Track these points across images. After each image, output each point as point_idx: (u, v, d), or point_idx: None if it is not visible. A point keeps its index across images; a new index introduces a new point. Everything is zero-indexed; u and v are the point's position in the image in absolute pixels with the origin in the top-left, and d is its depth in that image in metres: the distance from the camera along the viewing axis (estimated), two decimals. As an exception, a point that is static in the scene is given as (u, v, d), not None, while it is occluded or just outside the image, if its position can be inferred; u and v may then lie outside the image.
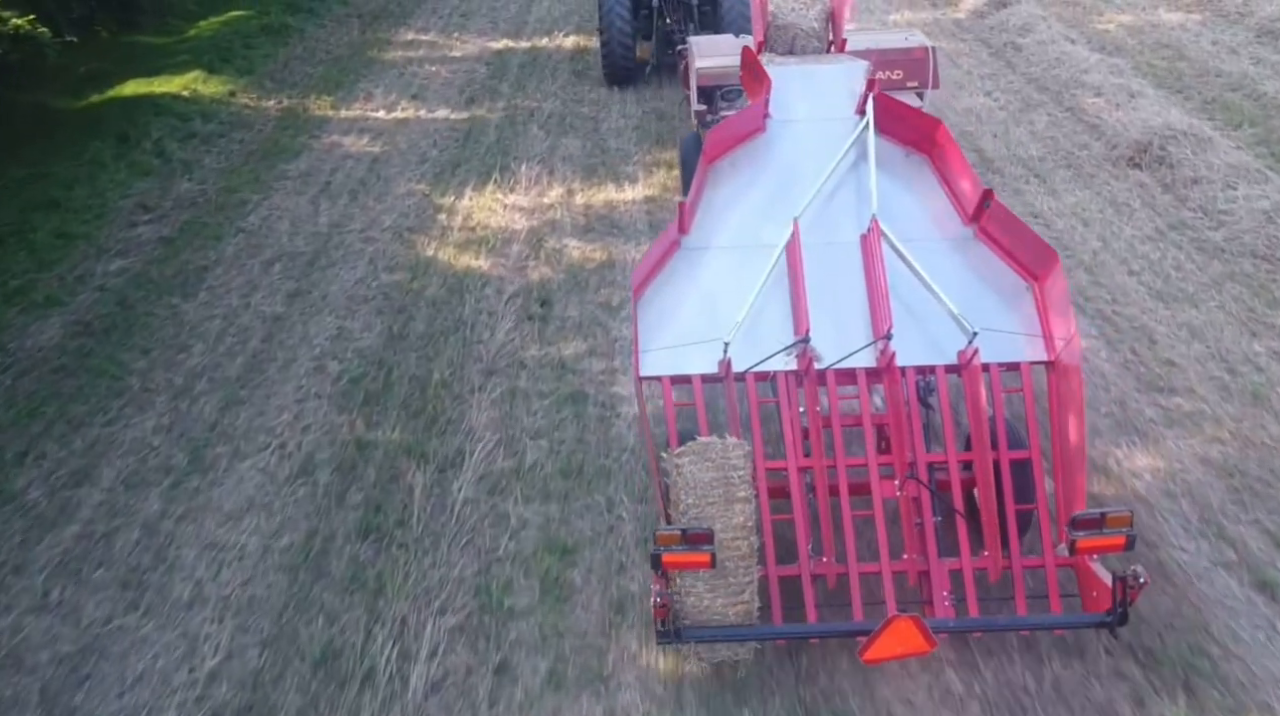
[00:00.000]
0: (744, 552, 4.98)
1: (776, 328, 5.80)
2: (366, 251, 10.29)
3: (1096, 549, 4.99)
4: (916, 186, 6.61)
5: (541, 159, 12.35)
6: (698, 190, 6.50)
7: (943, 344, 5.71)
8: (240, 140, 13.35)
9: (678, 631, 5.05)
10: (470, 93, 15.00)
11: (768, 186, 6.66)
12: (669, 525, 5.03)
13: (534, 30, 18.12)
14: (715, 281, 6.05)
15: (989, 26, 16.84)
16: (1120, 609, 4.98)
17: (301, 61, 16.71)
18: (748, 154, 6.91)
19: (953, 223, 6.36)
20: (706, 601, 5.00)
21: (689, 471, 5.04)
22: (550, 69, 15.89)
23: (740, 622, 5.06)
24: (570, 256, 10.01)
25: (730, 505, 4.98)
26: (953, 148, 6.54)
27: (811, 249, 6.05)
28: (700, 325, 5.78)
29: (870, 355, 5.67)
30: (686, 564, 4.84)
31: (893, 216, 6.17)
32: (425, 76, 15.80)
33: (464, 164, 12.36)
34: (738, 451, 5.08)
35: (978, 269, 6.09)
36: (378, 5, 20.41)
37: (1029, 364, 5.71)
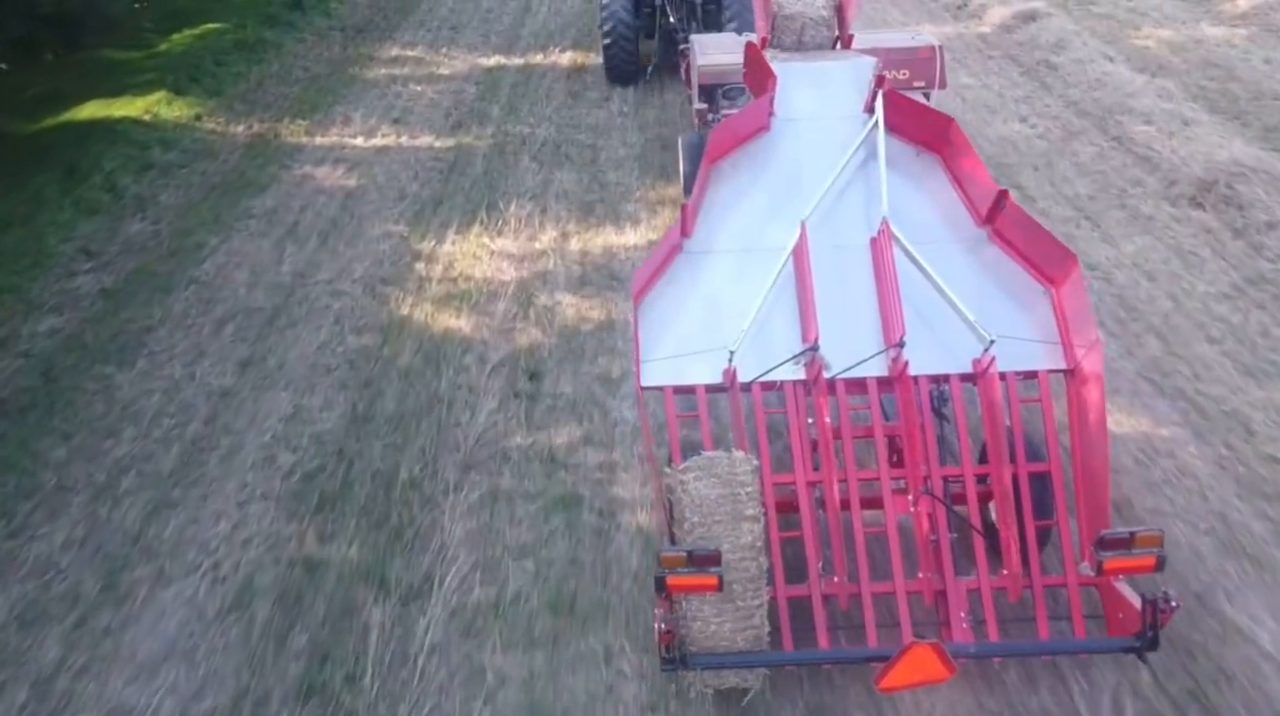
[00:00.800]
0: (753, 574, 4.77)
1: (783, 335, 5.58)
2: (333, 308, 9.06)
3: (1125, 570, 4.79)
4: (928, 187, 6.35)
5: (533, 195, 11.12)
6: (700, 191, 6.23)
7: (957, 351, 5.48)
8: (202, 172, 12.12)
9: (683, 659, 4.78)
10: (457, 116, 13.77)
11: (773, 187, 6.38)
12: (674, 546, 4.81)
13: (528, 45, 16.90)
14: (719, 286, 5.81)
15: (1018, 43, 15.62)
16: (1150, 633, 4.72)
17: (277, 81, 15.48)
18: (751, 154, 6.63)
19: (966, 224, 6.11)
20: (714, 627, 4.77)
21: (694, 488, 4.82)
22: (545, 89, 14.66)
23: (749, 649, 4.82)
24: (564, 315, 8.78)
25: (738, 524, 4.77)
26: (966, 146, 6.26)
27: (819, 252, 5.81)
28: (704, 333, 5.56)
29: (882, 364, 5.46)
30: (693, 587, 4.62)
31: (904, 218, 5.92)
32: (409, 97, 14.58)
33: (447, 201, 11.13)
34: (745, 467, 4.86)
35: (993, 272, 5.85)
36: (363, 18, 19.21)
37: (1047, 372, 5.47)
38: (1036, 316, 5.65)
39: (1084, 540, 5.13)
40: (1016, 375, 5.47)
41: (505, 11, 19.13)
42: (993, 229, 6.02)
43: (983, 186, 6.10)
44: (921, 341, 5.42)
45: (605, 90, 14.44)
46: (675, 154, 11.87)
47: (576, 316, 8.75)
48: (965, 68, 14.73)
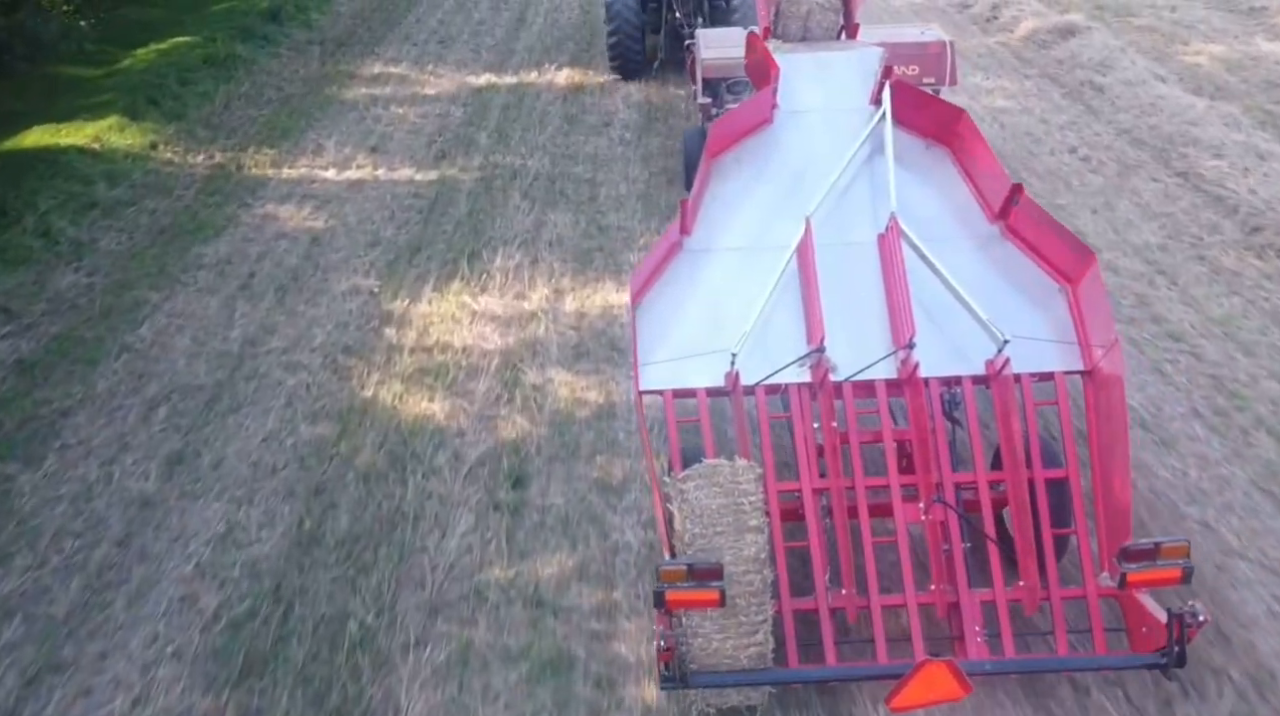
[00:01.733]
0: (756, 588, 4.58)
1: (788, 336, 5.38)
2: (286, 385, 7.71)
3: (1149, 582, 4.58)
4: (938, 181, 6.17)
5: (523, 242, 9.77)
6: (700, 187, 6.02)
7: (969, 353, 5.28)
8: (151, 211, 10.76)
9: (684, 677, 4.57)
10: (441, 144, 12.41)
11: (776, 182, 6.19)
12: (673, 559, 4.62)
13: (522, 61, 15.54)
14: (720, 286, 5.61)
15: (1056, 59, 14.27)
16: (1176, 649, 4.49)
17: (245, 102, 14.12)
18: (754, 147, 6.43)
19: (978, 220, 5.92)
20: (716, 643, 4.58)
21: (695, 497, 4.63)
22: (539, 113, 13.31)
23: (753, 666, 4.61)
24: (556, 397, 7.43)
25: (741, 535, 4.59)
26: (977, 138, 6.08)
27: (825, 250, 5.61)
28: (705, 334, 5.35)
29: (890, 366, 5.26)
30: (693, 602, 4.43)
31: (913, 214, 5.73)
32: (390, 121, 13.22)
33: (425, 248, 9.78)
34: (748, 475, 4.66)
35: (1006, 270, 5.66)
36: (345, 30, 17.84)
37: (1064, 374, 5.27)
38: (1052, 316, 5.43)
39: (1104, 550, 4.91)
40: (1032, 377, 5.24)
41: (498, 24, 17.78)
42: (1006, 225, 5.80)
43: (995, 180, 5.87)
44: (932, 342, 5.21)
45: (606, 114, 13.10)
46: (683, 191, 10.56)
47: (571, 399, 7.40)
48: (1001, 89, 13.38)
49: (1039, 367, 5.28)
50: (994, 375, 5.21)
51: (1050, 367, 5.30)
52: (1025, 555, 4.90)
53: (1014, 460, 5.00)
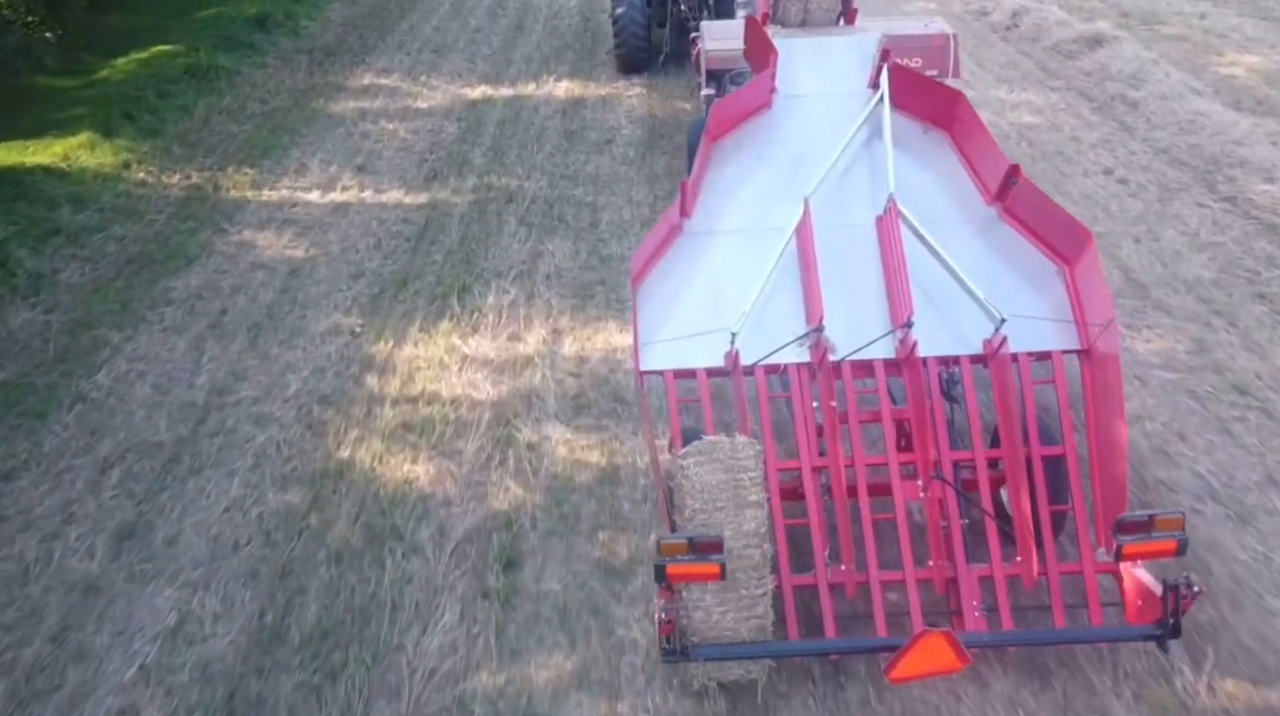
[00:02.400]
0: (756, 562, 4.59)
1: (787, 317, 5.42)
2: (255, 443, 6.95)
3: (1145, 555, 4.58)
4: (936, 164, 6.22)
5: (519, 274, 9.01)
6: (700, 170, 6.07)
7: (967, 332, 5.32)
8: (120, 238, 10.00)
9: (685, 650, 4.60)
10: (433, 163, 11.65)
11: (775, 165, 6.25)
12: (674, 533, 4.58)
13: (519, 72, 14.78)
14: (720, 268, 5.66)
15: (1084, 72, 13.50)
16: (1172, 621, 4.51)
17: (227, 116, 13.36)
18: (753, 131, 6.50)
19: (976, 202, 5.98)
20: (716, 616, 4.59)
21: (695, 473, 4.65)
22: (537, 128, 12.55)
23: (753, 639, 4.63)
24: (553, 458, 6.67)
25: (741, 510, 4.60)
26: (975, 121, 6.17)
27: (824, 232, 5.66)
28: (705, 315, 5.40)
29: (889, 345, 5.30)
30: (694, 576, 4.42)
31: (911, 196, 5.78)
32: (379, 138, 12.46)
33: (413, 282, 9.02)
34: (748, 451, 4.68)
35: (1004, 251, 5.72)
36: (335, 38, 17.09)
37: (1061, 353, 5.32)
38: (1050, 296, 5.45)
39: (1100, 525, 4.92)
40: (1029, 356, 5.26)
41: (495, 31, 17.02)
42: (1004, 207, 5.84)
43: (993, 162, 5.90)
44: (930, 322, 5.24)
45: (607, 130, 12.34)
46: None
47: (570, 461, 6.63)
48: (1027, 103, 12.62)
49: (1036, 347, 5.30)
50: (991, 354, 5.21)
51: (1047, 347, 5.32)
52: (1022, 531, 4.91)
53: (1011, 438, 4.99)
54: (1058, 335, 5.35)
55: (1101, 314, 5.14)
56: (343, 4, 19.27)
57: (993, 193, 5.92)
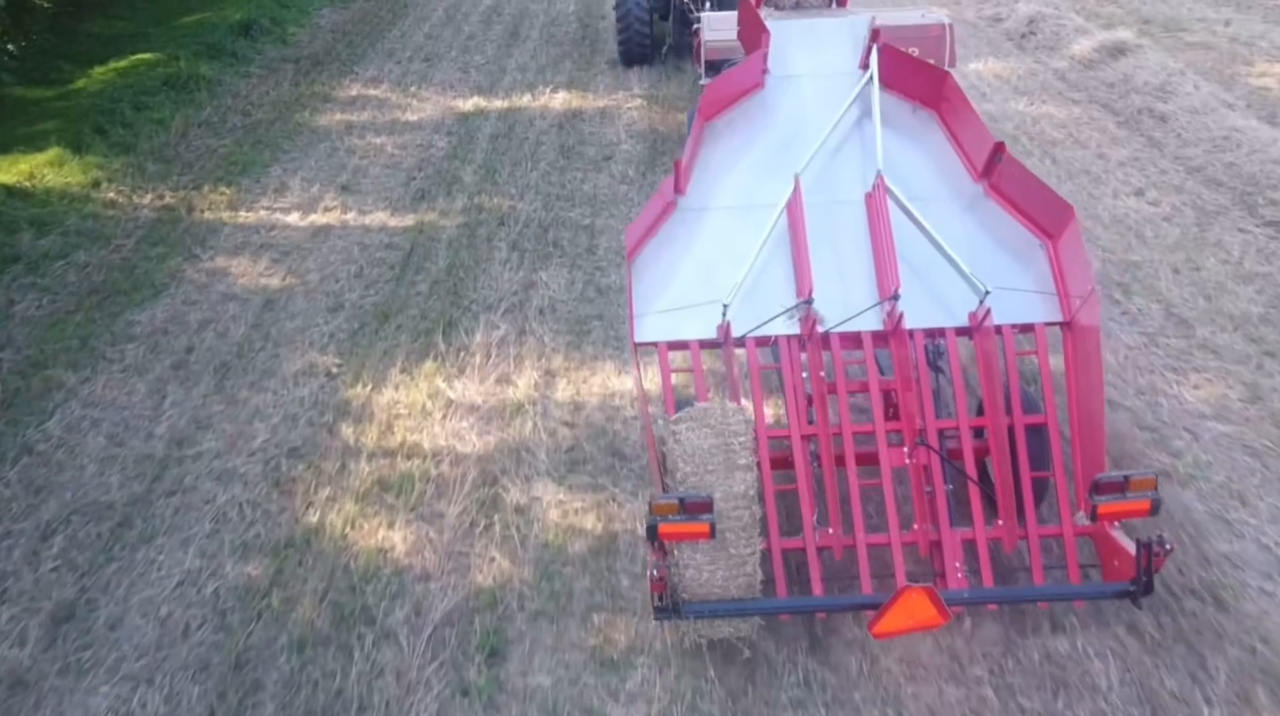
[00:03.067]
0: (745, 522, 4.70)
1: (778, 290, 5.49)
2: (215, 504, 6.30)
3: (1119, 514, 4.69)
4: (924, 142, 6.37)
5: (510, 307, 8.35)
6: (694, 149, 6.23)
7: (952, 305, 5.40)
8: (83, 266, 9.33)
9: (676, 607, 4.73)
10: (421, 182, 11.00)
11: (767, 144, 6.40)
12: (666, 494, 4.68)
13: (514, 82, 14.13)
14: (713, 243, 5.76)
15: (1107, 83, 12.84)
16: (1144, 578, 4.65)
17: (206, 130, 12.70)
18: (746, 111, 6.67)
19: (962, 179, 6.10)
20: (706, 574, 4.71)
21: (687, 438, 4.71)
22: (531, 143, 11.89)
23: (742, 596, 4.75)
24: (544, 524, 6.02)
25: (731, 473, 4.70)
26: (962, 101, 6.32)
27: (814, 208, 5.73)
28: (698, 288, 5.47)
29: (876, 317, 5.36)
30: (684, 534, 4.55)
31: (899, 173, 5.89)
32: (365, 153, 11.81)
33: (396, 315, 8.36)
34: (738, 417, 4.73)
35: (989, 227, 5.82)
36: (324, 46, 16.44)
37: (1044, 325, 5.39)
38: (1033, 270, 5.57)
39: (1080, 491, 4.95)
40: (1013, 328, 5.37)
41: (489, 39, 16.37)
42: (989, 183, 5.96)
43: (980, 140, 6.04)
44: (917, 295, 5.35)
45: (606, 146, 11.69)
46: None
47: (562, 527, 5.98)
48: (1048, 117, 11.96)
49: (1020, 319, 5.39)
50: (976, 326, 5.32)
51: (1031, 319, 5.40)
52: (1004, 495, 5.04)
53: (994, 407, 5.12)
54: (1040, 307, 5.43)
55: (1082, 286, 5.23)
56: (333, 10, 18.64)
57: (979, 170, 6.02)
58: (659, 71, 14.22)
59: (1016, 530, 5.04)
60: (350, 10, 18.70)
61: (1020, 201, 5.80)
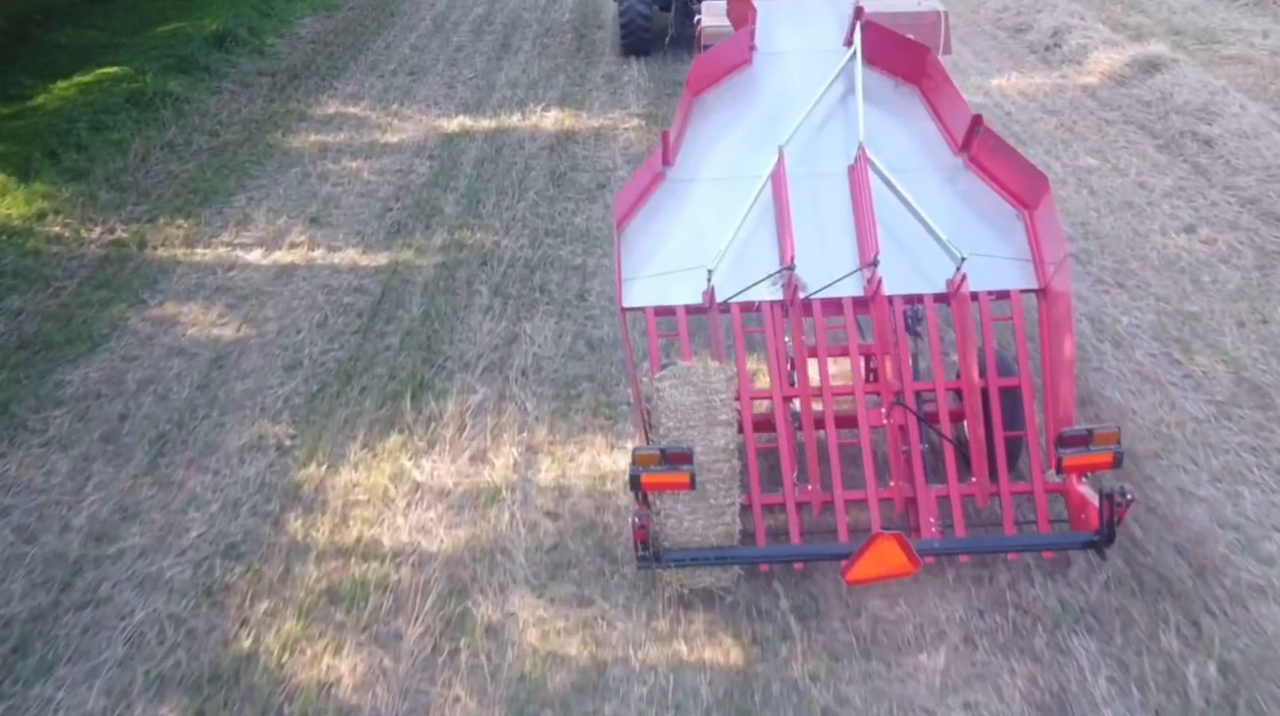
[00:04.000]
0: (725, 475, 4.90)
1: (762, 257, 5.64)
2: (132, 621, 5.33)
3: (1083, 467, 4.88)
4: (906, 117, 6.52)
5: (489, 367, 7.40)
6: (682, 122, 6.37)
7: (931, 273, 5.55)
8: (16, 313, 8.37)
9: (657, 555, 4.91)
10: (398, 213, 10.05)
11: (754, 119, 6.53)
12: (649, 445, 4.85)
13: (503, 100, 13.18)
14: (700, 213, 5.90)
15: (1143, 102, 11.89)
16: (1107, 528, 4.83)
17: (169, 153, 11.74)
18: (733, 87, 6.82)
19: (943, 153, 6.26)
20: (687, 523, 4.90)
21: (670, 394, 4.89)
22: (520, 169, 10.94)
23: (721, 544, 4.94)
24: (520, 650, 5.05)
25: (711, 428, 4.88)
26: (942, 76, 6.46)
27: (798, 180, 5.90)
28: (685, 256, 5.60)
29: (857, 284, 5.52)
30: (665, 485, 4.72)
31: (881, 147, 6.03)
32: (339, 179, 10.86)
33: (361, 374, 7.40)
34: (719, 375, 4.92)
35: (968, 199, 5.97)
36: (302, 58, 15.49)
37: (1019, 292, 5.59)
38: (1011, 239, 5.69)
39: (1051, 451, 4.98)
40: (989, 295, 5.53)
41: (479, 51, 15.42)
42: (969, 156, 6.10)
43: (959, 115, 6.19)
44: (896, 263, 5.48)
45: (601, 172, 10.74)
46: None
47: (542, 654, 5.01)
48: (1082, 141, 11.00)
49: (996, 286, 5.53)
50: (953, 293, 5.46)
51: (1007, 286, 5.55)
52: (978, 454, 5.24)
53: (969, 369, 5.31)
54: (1016, 275, 5.58)
55: (1056, 253, 5.36)
56: (316, 18, 17.70)
57: (959, 143, 6.18)
58: (658, 88, 13.28)
59: (989, 486, 5.24)
60: (334, 19, 17.76)
61: (998, 173, 5.94)
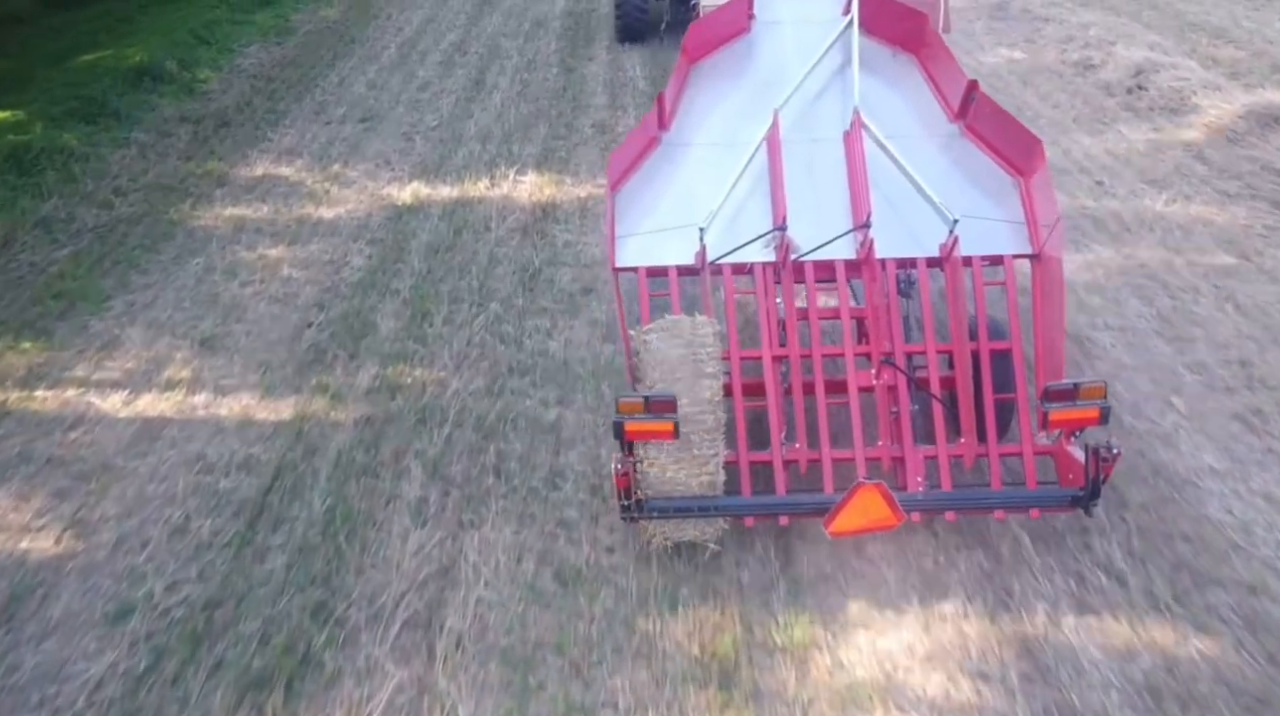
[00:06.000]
0: (709, 427, 4.83)
1: (755, 219, 5.65)
2: None
3: (1069, 422, 4.86)
4: (902, 84, 6.55)
5: (409, 624, 4.93)
6: (679, 88, 6.44)
7: (923, 237, 5.53)
8: None
9: (639, 504, 4.85)
10: (318, 332, 7.60)
11: (750, 86, 6.55)
12: (632, 393, 4.84)
13: (470, 157, 10.75)
14: (694, 176, 5.93)
15: (1268, 166, 9.44)
16: (1093, 484, 4.80)
17: (41, 235, 9.28)
18: (731, 54, 6.87)
19: (939, 120, 6.27)
20: (670, 472, 4.83)
21: (657, 347, 4.92)
22: (483, 263, 8.51)
23: (705, 493, 4.87)
24: None
25: (698, 380, 4.84)
26: (939, 44, 6.54)
27: (793, 145, 5.94)
28: (678, 218, 5.64)
29: (849, 246, 5.52)
30: (649, 433, 4.67)
31: (877, 114, 6.04)
32: (251, 276, 8.43)
33: (216, 641, 4.92)
34: (706, 329, 4.97)
35: (964, 165, 5.98)
36: (237, 99, 13.06)
37: (1013, 257, 5.55)
38: (1005, 206, 5.69)
39: (1041, 413, 4.90)
40: (982, 260, 5.52)
41: (447, 90, 12.98)
42: (965, 124, 6.14)
43: (956, 83, 6.21)
44: (890, 226, 5.46)
45: (585, 268, 8.31)
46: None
47: None
48: (1200, 223, 8.61)
49: (989, 250, 5.51)
50: (945, 257, 5.41)
51: (1000, 251, 5.53)
52: (966, 415, 5.15)
53: (960, 331, 5.24)
54: (1010, 240, 5.55)
55: (1049, 217, 5.34)
56: (264, 46, 15.31)
57: (955, 111, 6.18)
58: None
59: (977, 447, 5.16)
60: (284, 48, 15.33)
61: (994, 140, 5.94)
